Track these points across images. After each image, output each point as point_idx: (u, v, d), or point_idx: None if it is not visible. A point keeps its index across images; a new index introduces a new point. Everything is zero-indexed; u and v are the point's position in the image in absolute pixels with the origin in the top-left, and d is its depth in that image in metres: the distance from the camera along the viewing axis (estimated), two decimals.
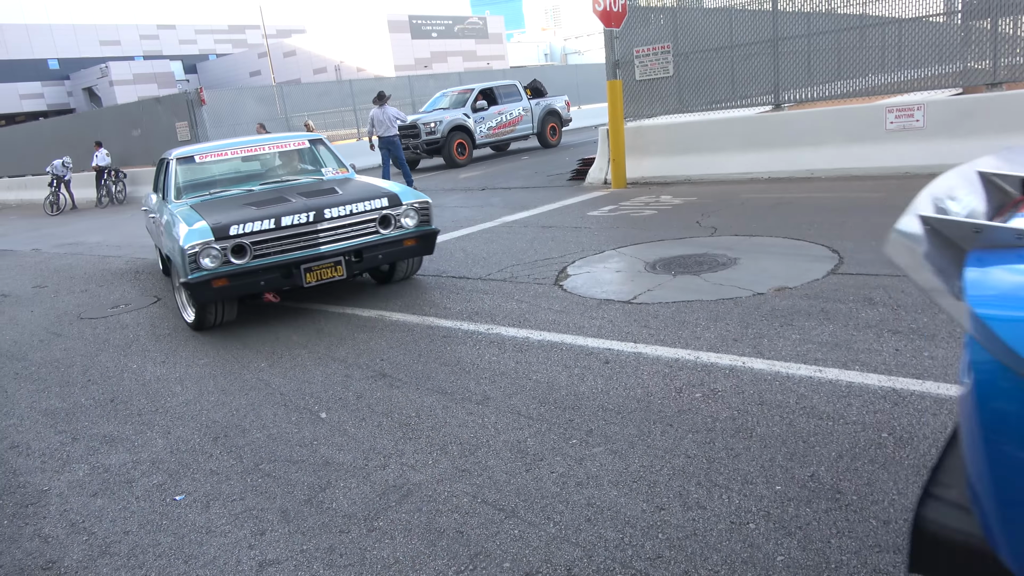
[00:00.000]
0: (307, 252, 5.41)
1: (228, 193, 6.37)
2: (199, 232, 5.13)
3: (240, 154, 6.93)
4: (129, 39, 60.98)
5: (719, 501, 2.66)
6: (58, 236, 13.98)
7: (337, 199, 5.68)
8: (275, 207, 5.53)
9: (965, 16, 9.66)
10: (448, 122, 17.60)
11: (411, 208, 5.85)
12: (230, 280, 5.16)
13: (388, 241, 5.74)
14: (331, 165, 7.12)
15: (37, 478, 3.56)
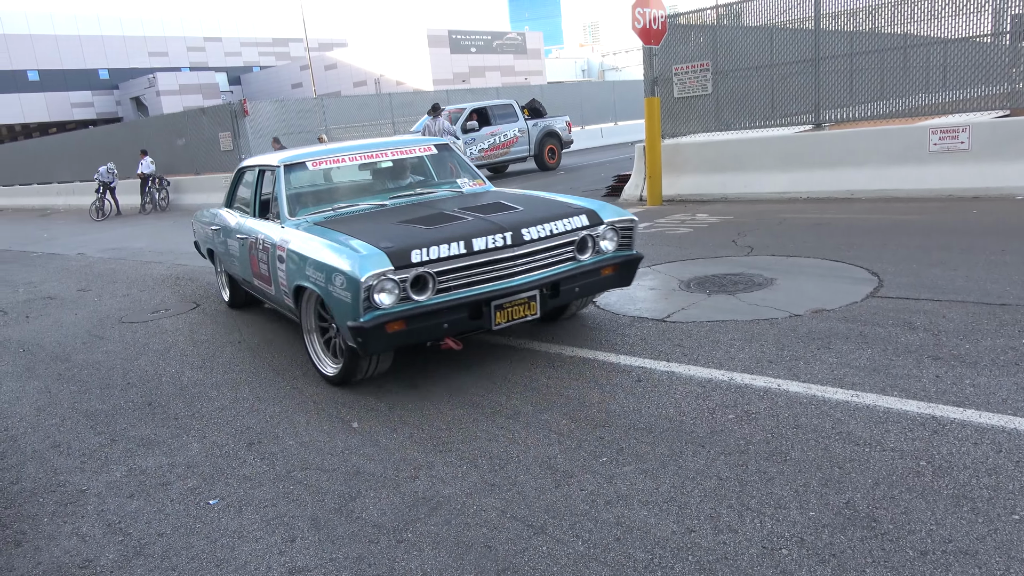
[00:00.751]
0: (500, 285, 4.15)
1: (358, 208, 5.12)
2: (372, 259, 3.83)
3: (361, 160, 5.60)
4: (176, 51, 62.65)
5: (751, 525, 2.62)
6: (103, 241, 14.35)
7: (528, 217, 4.45)
8: (454, 227, 4.28)
9: (1014, 37, 9.47)
10: None
11: (612, 228, 4.65)
12: (408, 323, 3.86)
13: (586, 270, 4.49)
14: (466, 175, 5.85)
15: (76, 478, 3.64)
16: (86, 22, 58.68)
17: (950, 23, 9.55)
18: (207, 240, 6.92)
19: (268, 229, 5.13)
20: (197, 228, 7.36)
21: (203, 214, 7.10)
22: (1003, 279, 5.19)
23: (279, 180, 5.22)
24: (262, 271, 5.20)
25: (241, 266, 5.79)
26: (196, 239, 7.57)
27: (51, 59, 56.79)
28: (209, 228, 6.70)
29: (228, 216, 6.20)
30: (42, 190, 27.77)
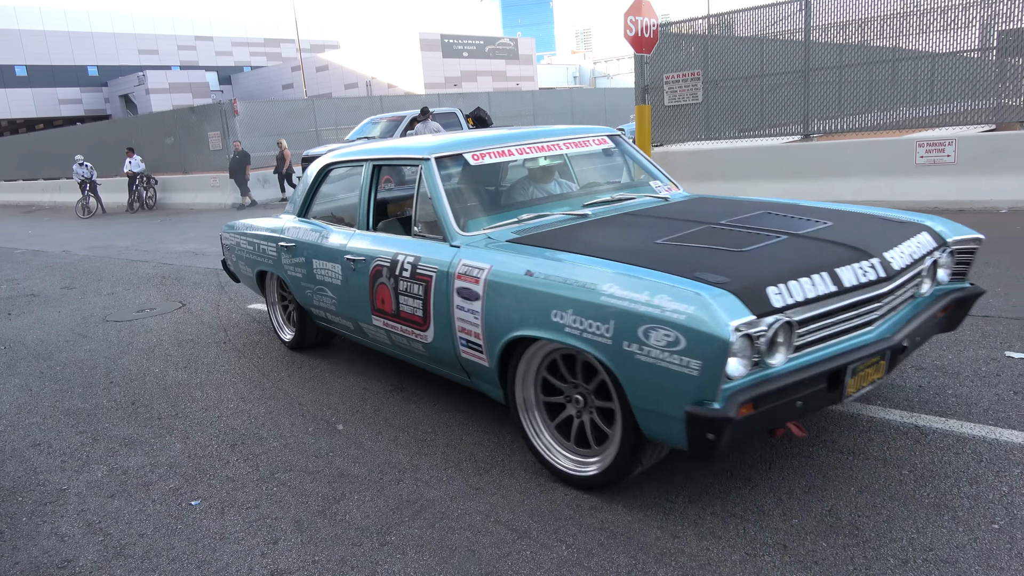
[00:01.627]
0: (863, 337, 2.80)
1: (554, 220, 3.65)
2: (724, 303, 2.42)
3: (534, 152, 4.03)
4: (167, 49, 62.33)
5: (734, 531, 2.63)
6: (88, 239, 14.23)
7: (878, 238, 3.09)
8: (786, 251, 2.94)
9: (1000, 53, 9.58)
10: None
11: (954, 251, 3.36)
12: (757, 404, 2.43)
13: (931, 312, 3.16)
14: (659, 177, 4.41)
15: (57, 477, 3.60)
16: (76, 18, 58.28)
17: (938, 38, 9.66)
18: (256, 259, 5.28)
19: (420, 250, 3.60)
20: (233, 243, 5.66)
21: (248, 226, 5.45)
22: (986, 291, 5.23)
23: (430, 180, 3.67)
24: (404, 310, 3.65)
25: (346, 300, 4.20)
26: (228, 257, 5.95)
27: (39, 55, 56.35)
28: (266, 244, 5.05)
29: (309, 230, 4.59)
30: (27, 186, 27.52)
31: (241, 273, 5.77)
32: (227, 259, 5.99)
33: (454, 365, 3.52)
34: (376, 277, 3.87)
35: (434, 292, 3.43)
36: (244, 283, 5.95)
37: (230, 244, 5.76)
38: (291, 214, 5.00)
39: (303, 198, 4.91)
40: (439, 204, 3.61)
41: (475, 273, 3.20)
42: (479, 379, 3.44)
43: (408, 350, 3.88)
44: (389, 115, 17.65)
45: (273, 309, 5.53)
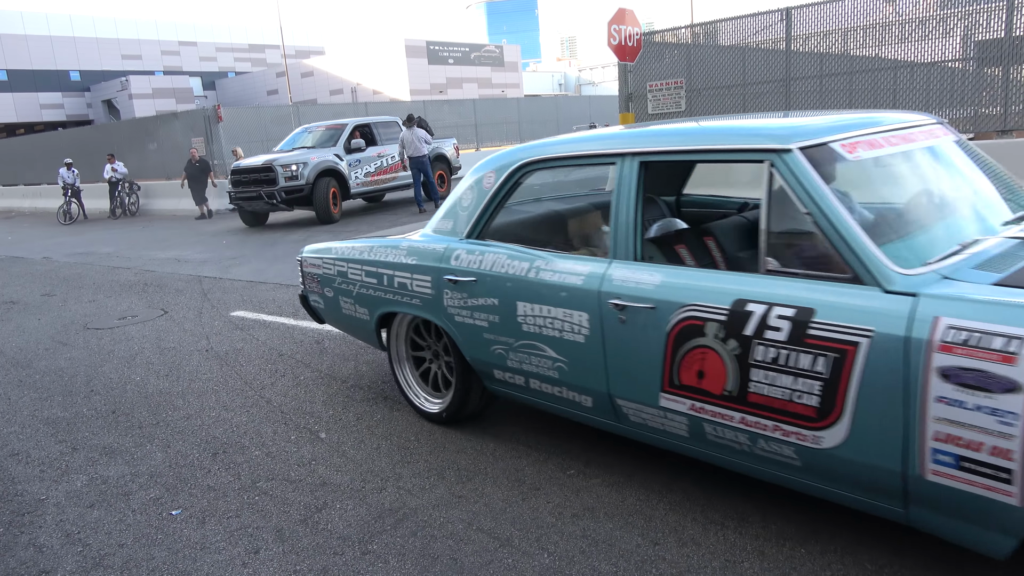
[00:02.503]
0: None
1: (1009, 246, 2.42)
2: None
3: (902, 145, 2.76)
4: (150, 54, 61.96)
5: (714, 538, 2.65)
6: (69, 245, 14.10)
7: None
8: None
9: (978, 63, 9.74)
10: (315, 165, 13.61)
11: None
12: None
13: None
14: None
15: (35, 487, 3.57)
16: (57, 23, 57.82)
17: (917, 48, 9.81)
18: (379, 298, 3.87)
19: (807, 297, 2.34)
20: (331, 273, 4.20)
21: (365, 249, 3.98)
22: None
23: (805, 183, 2.41)
24: (767, 393, 2.39)
25: (595, 365, 2.94)
26: (314, 291, 4.42)
27: (20, 59, 55.84)
28: (407, 277, 3.66)
29: (506, 258, 3.25)
30: (7, 192, 27.24)
31: (341, 314, 4.24)
32: (313, 294, 4.45)
33: (885, 487, 2.23)
34: (686, 336, 2.57)
35: (863, 369, 2.16)
36: (342, 328, 4.47)
37: (323, 274, 4.27)
38: (447, 233, 3.59)
39: (478, 211, 3.43)
40: (840, 223, 2.31)
41: (1003, 345, 1.92)
42: (961, 520, 2.12)
43: (751, 452, 2.54)
44: (328, 123, 15.85)
45: (402, 367, 4.06)
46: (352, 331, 4.39)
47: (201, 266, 9.99)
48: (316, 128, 15.67)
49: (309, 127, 15.96)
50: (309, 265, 4.43)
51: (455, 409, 3.76)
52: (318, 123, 16.27)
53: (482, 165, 3.59)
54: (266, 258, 10.24)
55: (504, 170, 3.39)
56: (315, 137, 15.26)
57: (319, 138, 15.13)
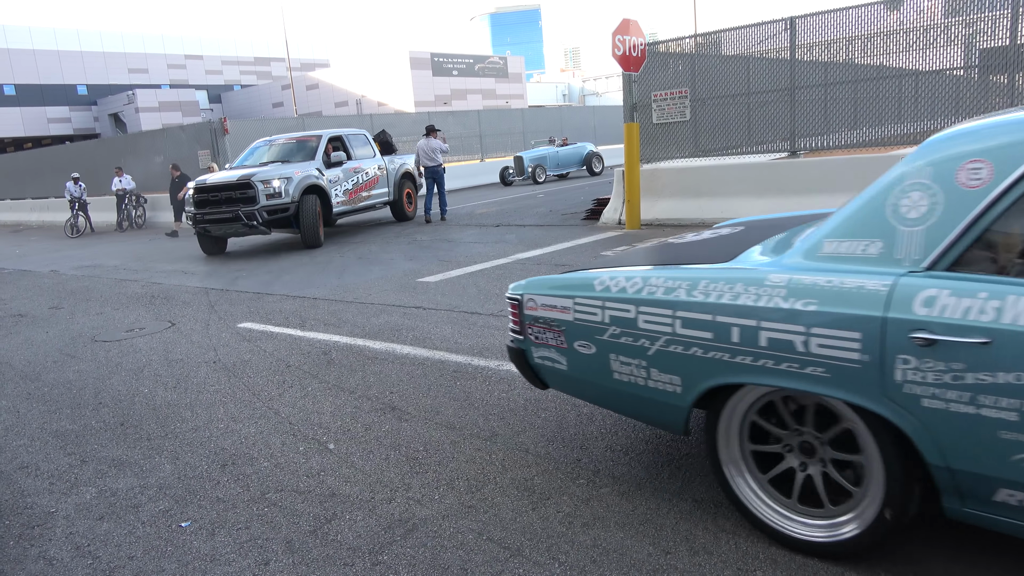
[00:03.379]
0: None
1: None
2: None
3: None
4: (157, 68, 62.41)
5: (726, 546, 2.64)
6: (77, 258, 14.16)
7: None
8: None
9: (982, 70, 9.74)
10: (300, 180, 12.00)
11: None
12: None
13: None
14: None
15: (44, 499, 3.57)
16: (65, 37, 58.32)
17: (922, 56, 9.81)
18: (719, 359, 2.58)
19: None
20: (610, 315, 2.87)
21: (707, 284, 2.62)
22: None
23: None
24: None
25: None
26: (548, 341, 3.14)
27: (28, 74, 56.31)
28: (799, 334, 2.37)
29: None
30: (15, 206, 27.40)
31: (609, 381, 2.93)
32: (543, 348, 3.16)
33: None
34: None
35: None
36: (598, 400, 3.18)
37: (577, 321, 2.97)
38: (869, 260, 2.35)
39: (960, 227, 2.19)
40: None
41: None
42: None
43: None
44: (296, 135, 14.18)
45: (740, 470, 2.75)
46: (622, 405, 3.06)
47: (207, 278, 10.02)
48: (279, 141, 13.79)
49: (271, 139, 14.06)
50: (542, 307, 3.10)
51: (875, 537, 2.39)
52: (282, 135, 14.50)
53: (947, 144, 2.34)
54: (272, 271, 10.27)
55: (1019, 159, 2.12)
56: (279, 151, 13.40)
57: (284, 152, 13.32)
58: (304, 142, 13.40)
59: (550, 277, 3.22)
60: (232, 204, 11.79)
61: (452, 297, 7.16)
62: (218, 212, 11.92)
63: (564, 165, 24.67)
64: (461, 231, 12.64)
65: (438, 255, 10.07)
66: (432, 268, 9.00)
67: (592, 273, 3.02)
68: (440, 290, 7.60)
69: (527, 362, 3.28)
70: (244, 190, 11.73)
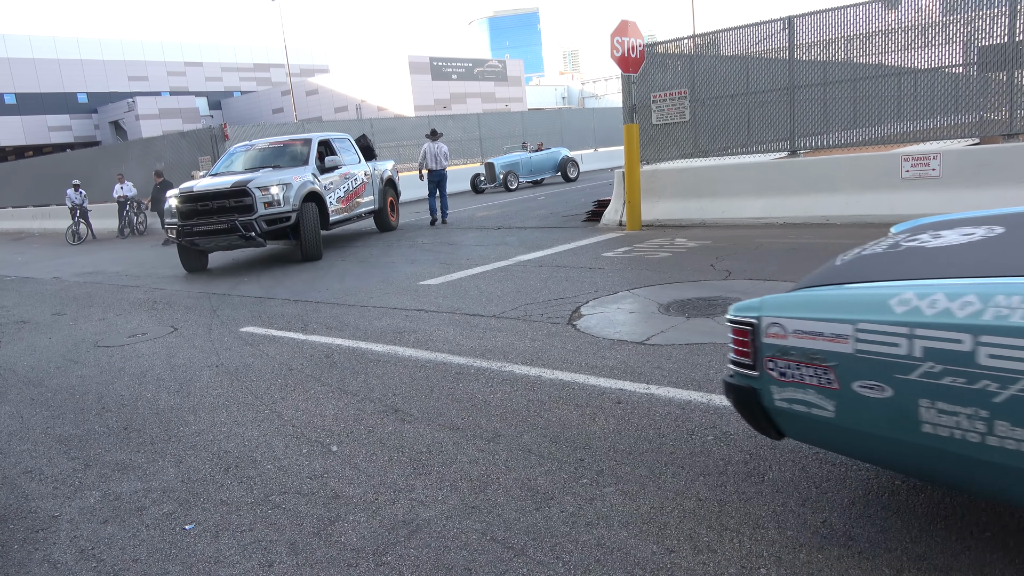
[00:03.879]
0: None
1: None
2: None
3: None
4: (157, 75, 62.57)
5: (730, 545, 2.63)
6: (79, 265, 14.18)
7: None
8: None
9: (981, 67, 9.74)
10: (299, 187, 11.01)
11: None
12: None
13: None
14: None
15: (48, 504, 3.58)
16: (65, 46, 58.48)
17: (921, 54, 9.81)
18: None
19: None
20: (923, 349, 2.12)
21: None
22: None
23: None
24: None
25: None
26: (803, 379, 2.41)
27: (29, 82, 56.47)
28: None
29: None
30: (16, 213, 27.45)
31: (916, 436, 2.20)
32: (793, 387, 2.46)
33: None
34: None
35: None
36: (886, 462, 2.46)
37: (861, 354, 2.26)
38: None
39: None
40: None
41: None
42: None
43: None
44: (280, 139, 12.93)
45: None
46: (934, 466, 2.29)
47: (210, 283, 10.03)
48: (260, 145, 12.60)
49: (250, 143, 12.90)
50: (798, 334, 2.41)
51: None
52: (263, 139, 13.19)
53: None
54: (274, 276, 10.28)
55: None
56: (261, 156, 12.23)
57: (268, 157, 12.16)
58: (289, 146, 12.33)
59: (805, 294, 2.52)
60: (226, 214, 10.55)
61: (454, 299, 7.16)
62: (209, 223, 10.63)
63: (538, 171, 23.83)
64: (462, 234, 12.65)
65: (439, 258, 10.08)
66: (434, 271, 9.01)
67: (882, 288, 2.31)
68: (442, 293, 7.61)
69: (759, 404, 2.56)
70: (240, 198, 10.48)
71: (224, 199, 10.63)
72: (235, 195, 10.58)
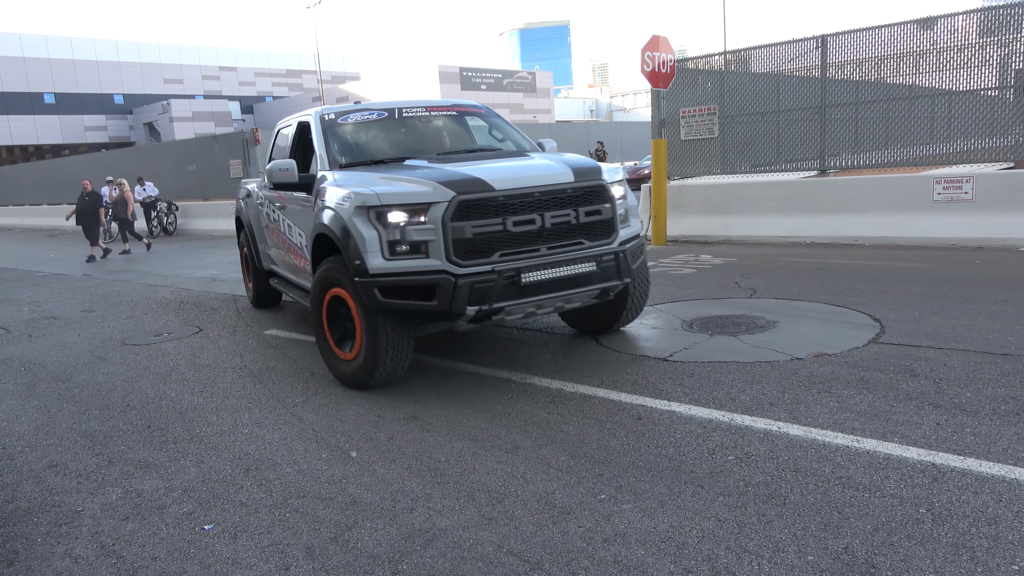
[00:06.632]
0: None
1: None
2: None
3: None
4: (191, 78, 63.61)
5: (748, 568, 2.60)
6: (109, 263, 14.42)
7: None
8: None
9: (1017, 91, 9.60)
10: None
11: None
12: None
13: None
14: None
15: (72, 498, 3.63)
16: (104, 48, 59.70)
17: (956, 76, 9.70)
18: None
19: None
20: None
21: None
22: (1005, 329, 5.20)
23: None
24: None
25: None
26: None
27: (68, 83, 57.69)
28: None
29: None
30: (51, 211, 27.97)
31: None
32: None
33: None
34: None
35: None
36: None
37: None
38: None
39: None
40: None
41: None
42: None
43: None
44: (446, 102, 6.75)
45: None
46: None
47: (236, 285, 10.14)
48: (413, 110, 6.40)
49: (366, 107, 6.42)
50: None
51: None
52: (401, 101, 6.64)
53: None
54: None
55: None
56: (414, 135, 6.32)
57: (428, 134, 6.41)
58: (469, 115, 6.72)
59: None
60: (569, 237, 4.77)
61: None
62: (545, 260, 4.65)
63: None
64: None
65: None
66: None
67: None
68: None
69: None
70: (590, 202, 4.87)
71: (564, 205, 4.76)
72: (584, 196, 4.85)
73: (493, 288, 4.44)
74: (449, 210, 4.37)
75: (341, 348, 5.07)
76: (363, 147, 5.93)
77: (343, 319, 5.02)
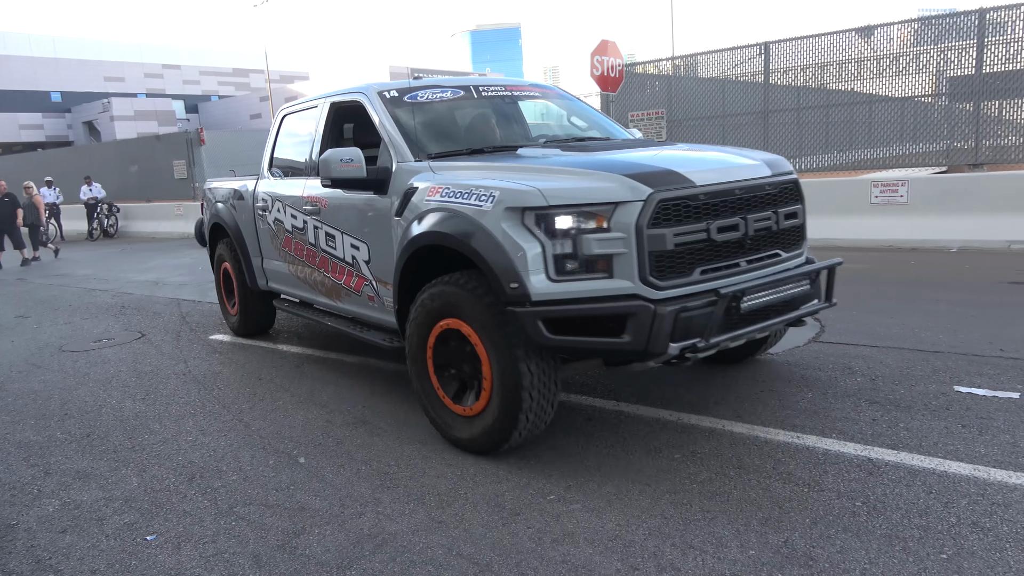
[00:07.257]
0: None
1: None
2: None
3: None
4: (133, 76, 61.84)
5: (693, 563, 2.66)
6: (46, 267, 13.94)
7: None
8: None
9: (950, 98, 10.00)
10: None
11: None
12: None
13: None
14: None
15: (5, 512, 3.50)
16: (40, 44, 57.62)
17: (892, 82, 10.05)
18: None
19: None
20: None
21: None
22: (937, 327, 5.41)
23: None
24: None
25: None
26: None
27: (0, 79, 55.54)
28: None
29: None
30: None
31: None
32: None
33: None
34: None
35: None
36: None
37: None
38: None
39: None
40: None
41: None
42: None
43: None
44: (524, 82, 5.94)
45: None
46: None
47: (180, 289, 9.91)
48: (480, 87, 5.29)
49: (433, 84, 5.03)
50: None
51: None
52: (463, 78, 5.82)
53: None
54: None
55: None
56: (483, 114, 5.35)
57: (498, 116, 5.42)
58: (552, 95, 6.06)
59: None
60: (768, 247, 3.77)
61: None
62: (751, 269, 3.62)
63: None
64: None
65: None
66: None
67: None
68: None
69: None
70: (788, 202, 3.96)
71: (764, 206, 3.76)
72: (781, 194, 3.93)
73: (711, 317, 3.26)
74: (646, 212, 3.18)
75: (458, 401, 3.80)
76: (448, 132, 4.81)
77: (456, 360, 3.78)
